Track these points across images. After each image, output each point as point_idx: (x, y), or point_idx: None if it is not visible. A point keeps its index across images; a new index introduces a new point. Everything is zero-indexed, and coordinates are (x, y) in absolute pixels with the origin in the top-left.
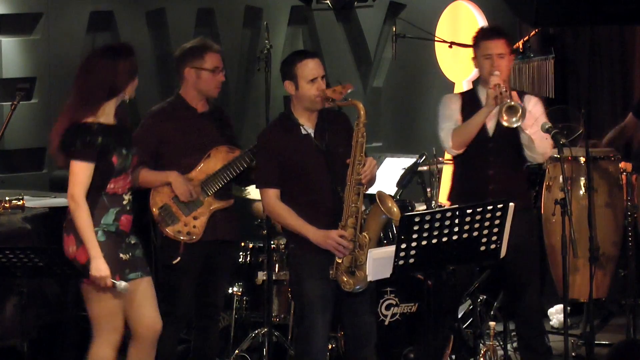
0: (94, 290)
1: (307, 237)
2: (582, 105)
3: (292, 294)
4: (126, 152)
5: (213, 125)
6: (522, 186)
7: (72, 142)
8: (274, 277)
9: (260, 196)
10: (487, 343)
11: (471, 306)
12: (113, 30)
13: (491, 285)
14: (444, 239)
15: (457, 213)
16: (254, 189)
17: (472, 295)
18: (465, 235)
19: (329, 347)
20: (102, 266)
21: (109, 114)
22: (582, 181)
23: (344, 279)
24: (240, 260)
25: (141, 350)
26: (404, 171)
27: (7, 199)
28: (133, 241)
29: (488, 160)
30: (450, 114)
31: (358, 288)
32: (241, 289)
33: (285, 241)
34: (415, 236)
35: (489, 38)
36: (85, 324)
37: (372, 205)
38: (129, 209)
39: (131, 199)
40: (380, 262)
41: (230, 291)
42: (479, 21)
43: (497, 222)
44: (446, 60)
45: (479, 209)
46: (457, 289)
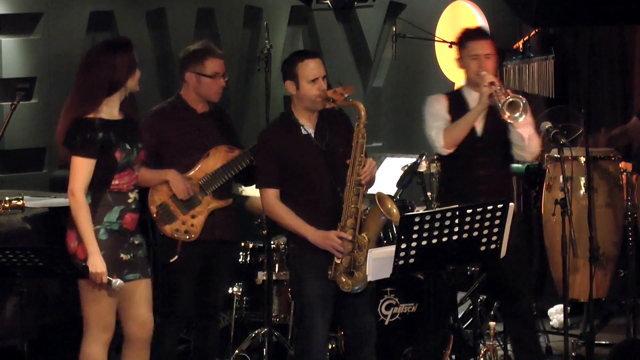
0: (89, 288)
1: (306, 237)
2: (582, 105)
3: (292, 294)
4: (130, 147)
5: (213, 125)
6: (511, 186)
7: (73, 138)
8: (274, 277)
9: (260, 196)
10: (487, 343)
11: (471, 306)
12: (113, 30)
13: (491, 285)
14: (444, 239)
15: (457, 213)
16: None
17: (472, 295)
18: (465, 235)
19: (329, 347)
20: (98, 262)
21: (112, 109)
22: (582, 181)
23: (342, 279)
24: (240, 260)
25: (135, 351)
26: (404, 171)
27: (7, 199)
28: (137, 241)
29: (478, 160)
30: (438, 113)
31: (357, 289)
32: (241, 289)
33: (285, 241)
34: (415, 236)
35: (476, 38)
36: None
37: (371, 206)
38: (134, 207)
39: (137, 197)
40: (380, 262)
41: (230, 291)
42: (479, 21)
43: (497, 222)
44: (446, 60)
45: (479, 209)
46: (456, 289)
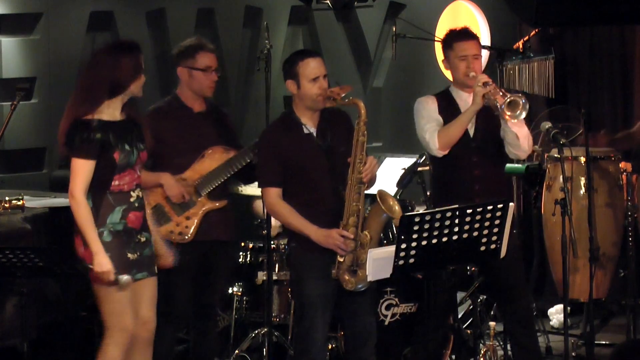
0: (102, 290)
1: (308, 236)
2: (582, 105)
3: (293, 293)
4: (130, 148)
5: (210, 124)
6: (505, 185)
7: (71, 139)
8: (274, 277)
9: (262, 195)
10: (487, 343)
11: (471, 306)
12: (113, 30)
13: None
14: (444, 239)
15: (457, 213)
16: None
17: (472, 295)
18: (465, 235)
19: (329, 347)
20: (103, 261)
21: (114, 111)
22: (582, 181)
23: (345, 277)
24: (240, 260)
25: (137, 350)
26: (404, 171)
27: (7, 199)
28: (143, 239)
29: (472, 160)
30: (430, 115)
31: (360, 287)
32: (241, 289)
33: (284, 241)
34: (415, 236)
35: (463, 39)
36: (85, 323)
37: (373, 204)
38: (137, 205)
39: (141, 195)
40: (380, 262)
41: (230, 291)
42: (479, 21)
43: (497, 222)
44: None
45: (479, 209)
46: (457, 289)
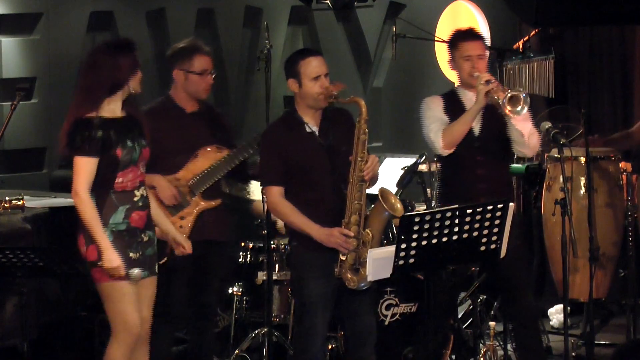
0: (106, 290)
1: (310, 234)
2: (582, 105)
3: (293, 292)
4: (132, 144)
5: (203, 124)
6: (510, 185)
7: (73, 138)
8: (274, 277)
9: (264, 193)
10: (487, 343)
11: (471, 306)
12: (113, 30)
13: (491, 285)
14: (444, 239)
15: (457, 213)
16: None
17: (472, 295)
18: (465, 235)
19: (329, 347)
20: (112, 256)
21: (114, 108)
22: (582, 181)
23: (348, 276)
24: (240, 260)
25: (136, 348)
26: (404, 171)
27: (7, 199)
28: (147, 238)
29: (476, 159)
30: (435, 114)
31: (362, 285)
32: (241, 289)
33: (285, 241)
34: (415, 236)
35: (468, 39)
36: (85, 323)
37: (375, 202)
38: (141, 204)
39: (145, 194)
40: (380, 262)
41: (230, 291)
42: (479, 21)
43: (497, 222)
44: (446, 60)
45: (479, 209)
46: (457, 289)
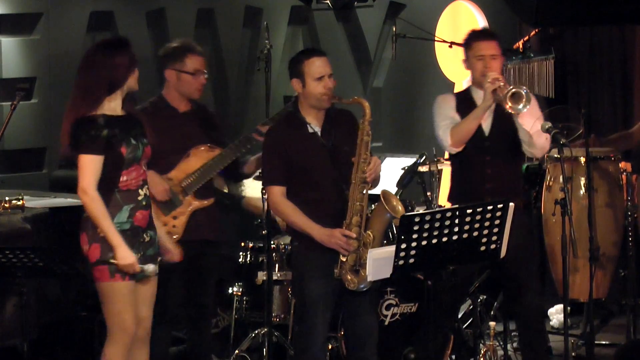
0: (104, 289)
1: (311, 234)
2: (582, 105)
3: (294, 292)
4: (136, 142)
5: (195, 124)
6: (519, 185)
7: (78, 137)
8: (274, 277)
9: (266, 193)
10: (487, 343)
11: (471, 306)
12: (113, 30)
13: (491, 285)
14: (444, 239)
15: (457, 213)
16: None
17: (472, 295)
18: (465, 236)
19: (329, 347)
20: (126, 253)
21: (115, 107)
22: (582, 181)
23: (348, 277)
24: (240, 260)
25: (135, 348)
26: (404, 171)
27: (7, 199)
28: (148, 238)
29: (485, 159)
30: (446, 112)
31: (362, 287)
32: (241, 289)
33: (284, 241)
34: (415, 236)
35: (482, 39)
36: (85, 323)
37: (376, 204)
38: (144, 204)
39: (147, 193)
40: (380, 262)
41: (230, 291)
42: (479, 21)
43: (497, 222)
44: (446, 60)
45: (479, 209)
46: (457, 289)
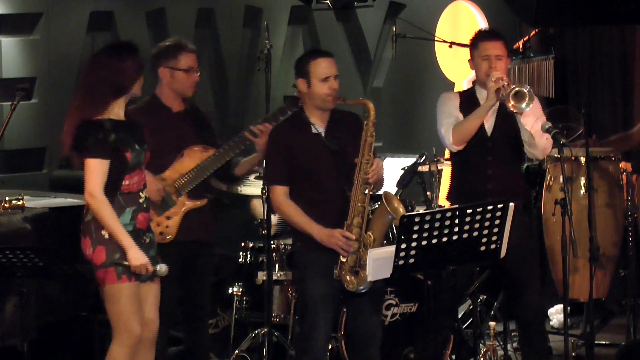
0: (108, 291)
1: (311, 234)
2: (582, 105)
3: (295, 292)
4: (139, 148)
5: (189, 124)
6: (520, 185)
7: (84, 140)
8: (274, 277)
9: (268, 192)
10: (487, 343)
11: (471, 306)
12: (113, 30)
13: (491, 285)
14: (444, 239)
15: (457, 213)
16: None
17: (472, 295)
18: (465, 236)
19: (329, 347)
20: (138, 254)
21: (119, 111)
22: (582, 181)
23: (347, 278)
24: (240, 260)
25: (141, 350)
26: (404, 171)
27: (7, 199)
28: (148, 240)
29: (486, 159)
30: (449, 110)
31: (361, 289)
32: (241, 289)
33: (285, 241)
34: (415, 236)
35: (487, 39)
36: (85, 323)
37: (378, 205)
38: (145, 206)
39: (147, 196)
40: (380, 262)
41: (230, 291)
42: (479, 21)
43: (497, 222)
44: (446, 60)
45: (479, 209)
46: (457, 289)
